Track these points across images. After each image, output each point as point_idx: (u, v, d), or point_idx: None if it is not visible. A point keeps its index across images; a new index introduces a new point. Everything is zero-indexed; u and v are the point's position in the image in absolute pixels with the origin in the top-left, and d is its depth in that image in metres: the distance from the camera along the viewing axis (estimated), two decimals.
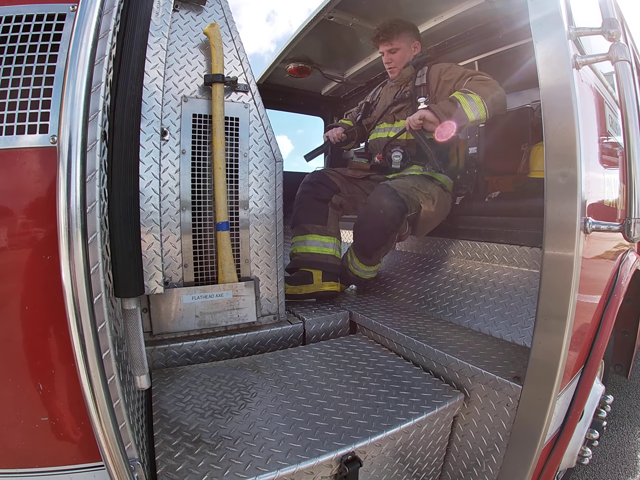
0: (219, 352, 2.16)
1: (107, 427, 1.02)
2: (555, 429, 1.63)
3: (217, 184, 2.11)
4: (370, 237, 2.77)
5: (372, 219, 2.69)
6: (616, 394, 3.44)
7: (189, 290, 2.08)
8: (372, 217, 2.68)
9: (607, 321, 1.81)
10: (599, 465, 2.56)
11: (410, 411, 1.62)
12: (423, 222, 2.80)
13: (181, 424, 1.52)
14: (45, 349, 1.16)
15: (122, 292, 1.11)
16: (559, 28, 1.38)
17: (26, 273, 1.13)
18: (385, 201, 2.63)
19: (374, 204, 2.68)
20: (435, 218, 2.91)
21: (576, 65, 1.39)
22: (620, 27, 1.48)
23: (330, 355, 2.16)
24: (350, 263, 3.07)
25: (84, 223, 0.97)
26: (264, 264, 2.34)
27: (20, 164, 1.09)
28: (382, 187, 2.76)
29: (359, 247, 2.91)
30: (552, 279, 1.43)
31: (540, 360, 1.48)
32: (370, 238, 2.78)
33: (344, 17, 3.60)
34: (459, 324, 2.38)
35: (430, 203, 2.81)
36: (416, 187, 2.82)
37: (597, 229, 1.43)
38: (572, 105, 1.34)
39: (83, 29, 1.00)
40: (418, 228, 2.83)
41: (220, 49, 2.10)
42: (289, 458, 1.34)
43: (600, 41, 1.51)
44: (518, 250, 2.47)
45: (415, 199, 2.72)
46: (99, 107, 1.02)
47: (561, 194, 1.38)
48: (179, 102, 2.07)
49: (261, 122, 2.29)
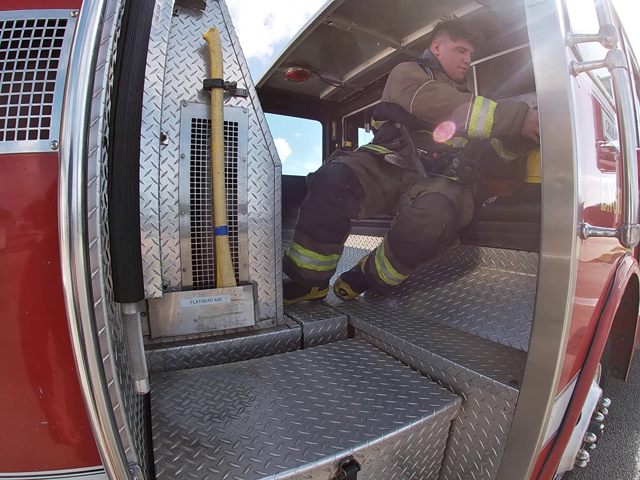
0: (218, 356, 2.16)
1: (107, 431, 1.02)
2: (553, 432, 1.64)
3: (216, 188, 2.11)
4: (423, 249, 2.58)
5: (431, 232, 2.47)
6: (614, 397, 3.44)
7: (188, 294, 2.09)
8: (432, 230, 2.46)
9: (604, 325, 1.81)
10: (596, 468, 2.56)
11: (408, 415, 1.62)
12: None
13: (180, 427, 1.52)
14: (45, 353, 1.16)
15: (122, 297, 1.12)
16: (556, 34, 1.38)
17: (27, 277, 1.13)
18: (447, 214, 2.47)
19: (436, 216, 2.46)
20: (463, 224, 2.74)
21: (573, 72, 1.40)
22: (617, 33, 1.49)
23: (328, 359, 2.16)
24: (382, 272, 2.81)
25: (85, 228, 0.97)
26: (262, 268, 2.35)
27: (21, 169, 1.09)
28: (438, 198, 2.54)
29: (404, 258, 2.65)
30: (549, 283, 1.43)
31: (537, 364, 1.49)
32: (422, 251, 2.58)
33: (342, 22, 3.61)
34: (457, 328, 2.39)
35: (470, 212, 2.72)
36: (460, 196, 2.69)
37: (594, 234, 1.44)
38: (569, 111, 1.35)
39: (84, 34, 1.00)
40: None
41: (219, 53, 2.12)
42: (288, 462, 1.34)
43: (597, 46, 1.52)
44: (515, 254, 2.48)
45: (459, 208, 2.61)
46: (100, 113, 1.02)
47: (558, 199, 1.39)
48: (179, 107, 2.08)
49: (260, 126, 2.30)
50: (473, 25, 3.54)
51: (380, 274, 2.81)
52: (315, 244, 2.70)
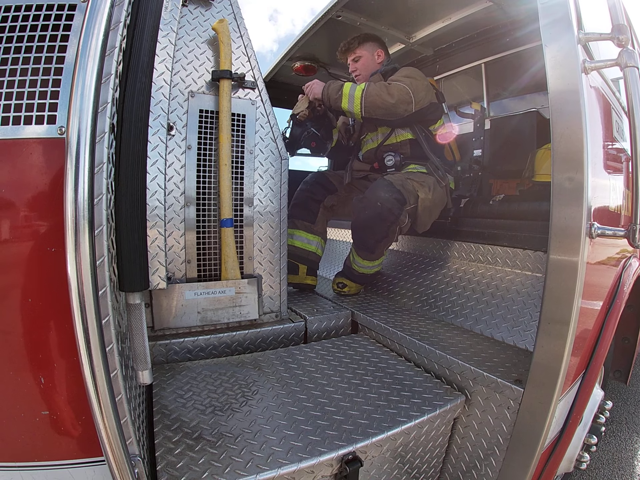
0: (220, 349, 2.16)
1: (109, 422, 1.01)
2: (555, 433, 1.63)
3: (222, 181, 2.10)
4: (371, 231, 2.78)
5: (370, 213, 2.69)
6: (615, 400, 3.43)
7: (192, 286, 2.08)
8: (370, 210, 2.69)
9: (608, 327, 1.81)
10: (596, 470, 2.56)
11: (411, 412, 1.62)
12: (422, 212, 2.83)
13: (182, 420, 1.52)
14: (47, 342, 1.15)
15: (127, 286, 1.11)
16: (569, 33, 1.38)
17: (30, 265, 1.12)
18: (382, 193, 2.67)
19: (372, 198, 2.70)
20: (434, 207, 2.95)
21: (585, 70, 1.39)
22: (629, 33, 1.48)
23: (331, 354, 2.15)
24: (354, 262, 3.10)
25: (91, 216, 0.96)
26: (267, 261, 2.34)
27: (26, 155, 1.08)
28: (379, 181, 2.83)
29: (360, 243, 2.93)
30: (557, 284, 1.42)
31: (542, 364, 1.48)
32: (370, 232, 2.79)
33: (351, 17, 3.58)
34: (461, 326, 2.38)
35: (426, 190, 2.86)
36: (410, 178, 2.89)
37: (603, 234, 1.43)
38: (580, 110, 1.34)
39: (94, 19, 0.99)
40: (419, 221, 2.86)
41: (228, 45, 2.10)
42: (290, 456, 1.34)
43: (608, 46, 1.51)
44: (521, 253, 2.47)
45: (410, 188, 2.78)
46: (108, 99, 1.01)
47: (567, 198, 1.38)
48: (186, 97, 2.07)
49: (268, 119, 2.29)
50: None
51: (352, 264, 3.14)
52: (292, 221, 3.16)
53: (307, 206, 3.25)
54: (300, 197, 3.29)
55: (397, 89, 2.72)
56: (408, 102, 2.76)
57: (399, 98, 2.71)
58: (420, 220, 2.86)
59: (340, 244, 4.47)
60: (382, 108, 2.74)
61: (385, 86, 2.73)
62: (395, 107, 2.73)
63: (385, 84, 2.75)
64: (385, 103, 2.70)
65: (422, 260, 3.23)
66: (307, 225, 3.21)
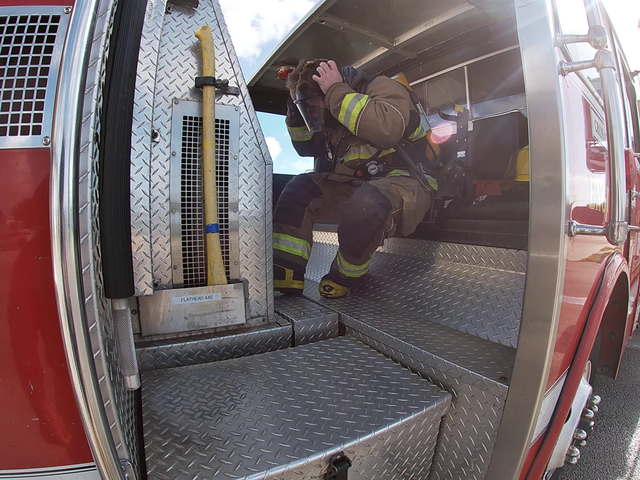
0: (208, 354, 2.16)
1: (98, 427, 1.02)
2: (542, 429, 1.66)
3: (207, 186, 2.11)
4: (357, 235, 2.81)
5: (356, 218, 2.72)
6: (603, 395, 3.48)
7: (178, 292, 2.09)
8: (356, 215, 2.72)
9: (592, 323, 1.83)
10: (587, 465, 2.59)
11: (398, 411, 1.63)
12: (408, 216, 2.87)
13: (171, 425, 1.52)
14: (35, 350, 1.15)
15: (112, 292, 1.12)
16: (546, 35, 1.40)
17: (17, 273, 1.13)
18: (367, 199, 2.70)
19: (357, 203, 2.73)
20: (419, 210, 3.00)
21: (562, 72, 1.42)
22: (606, 34, 1.51)
23: (319, 356, 2.17)
24: (340, 266, 3.11)
25: (76, 224, 0.97)
26: (253, 266, 2.35)
27: (12, 165, 1.09)
28: (364, 186, 2.85)
29: (346, 247, 2.96)
30: (537, 281, 1.45)
31: (526, 361, 1.50)
32: (356, 237, 2.82)
33: (335, 21, 3.60)
34: (447, 326, 2.41)
35: (410, 194, 2.91)
36: (395, 182, 2.93)
37: (582, 232, 1.46)
38: (557, 111, 1.37)
39: (77, 31, 1.00)
40: (404, 224, 2.91)
41: (211, 51, 2.11)
42: (279, 458, 1.35)
43: (589, 47, 1.54)
44: (505, 252, 2.50)
45: (395, 193, 2.83)
46: (92, 109, 1.02)
47: (546, 197, 1.41)
48: (170, 104, 2.07)
49: (251, 124, 2.30)
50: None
51: (339, 268, 3.13)
52: (277, 225, 3.16)
53: (292, 210, 3.25)
54: (284, 200, 3.29)
55: (392, 120, 2.73)
56: (399, 132, 2.82)
57: (393, 131, 2.75)
58: (406, 224, 2.91)
59: (327, 247, 4.48)
60: (375, 135, 2.79)
61: (382, 112, 2.71)
62: (388, 139, 2.80)
63: (383, 109, 2.73)
64: (379, 132, 2.74)
65: (408, 261, 3.26)
66: (292, 229, 3.22)
